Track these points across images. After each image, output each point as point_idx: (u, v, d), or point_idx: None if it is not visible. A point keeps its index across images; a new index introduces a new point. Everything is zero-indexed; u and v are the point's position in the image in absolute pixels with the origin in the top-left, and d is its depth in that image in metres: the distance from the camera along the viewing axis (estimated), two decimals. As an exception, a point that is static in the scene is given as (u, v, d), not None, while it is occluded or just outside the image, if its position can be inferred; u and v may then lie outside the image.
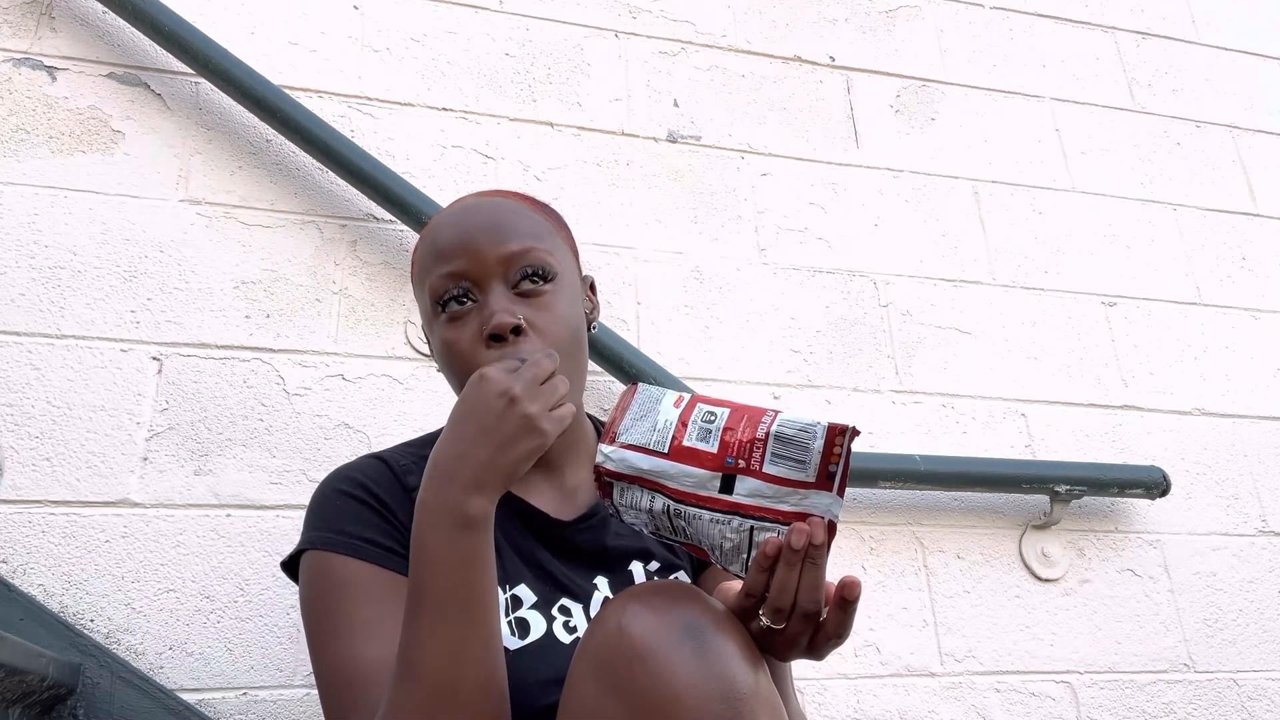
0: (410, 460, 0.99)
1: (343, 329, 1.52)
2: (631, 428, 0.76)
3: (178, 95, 1.60)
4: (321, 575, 0.90)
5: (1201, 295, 2.04)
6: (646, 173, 1.80)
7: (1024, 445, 1.78)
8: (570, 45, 1.86)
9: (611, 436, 0.76)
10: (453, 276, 0.94)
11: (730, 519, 0.72)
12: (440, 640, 0.76)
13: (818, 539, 0.70)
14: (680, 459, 0.73)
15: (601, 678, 0.69)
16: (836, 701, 1.50)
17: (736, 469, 0.72)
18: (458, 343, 0.93)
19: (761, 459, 0.72)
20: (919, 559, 1.64)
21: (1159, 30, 2.32)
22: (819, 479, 0.71)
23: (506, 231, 0.95)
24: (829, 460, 0.71)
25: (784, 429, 0.72)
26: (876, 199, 1.92)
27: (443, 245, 0.95)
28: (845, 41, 2.05)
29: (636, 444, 0.74)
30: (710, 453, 0.73)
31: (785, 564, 0.70)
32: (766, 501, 0.71)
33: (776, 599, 0.71)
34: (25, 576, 1.27)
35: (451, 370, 0.95)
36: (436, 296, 0.95)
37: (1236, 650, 1.71)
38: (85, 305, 1.43)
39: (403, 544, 0.91)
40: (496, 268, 0.94)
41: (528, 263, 0.94)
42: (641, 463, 0.74)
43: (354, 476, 0.96)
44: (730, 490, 0.72)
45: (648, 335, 1.66)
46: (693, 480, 0.72)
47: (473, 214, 0.97)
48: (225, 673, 1.29)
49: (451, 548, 0.78)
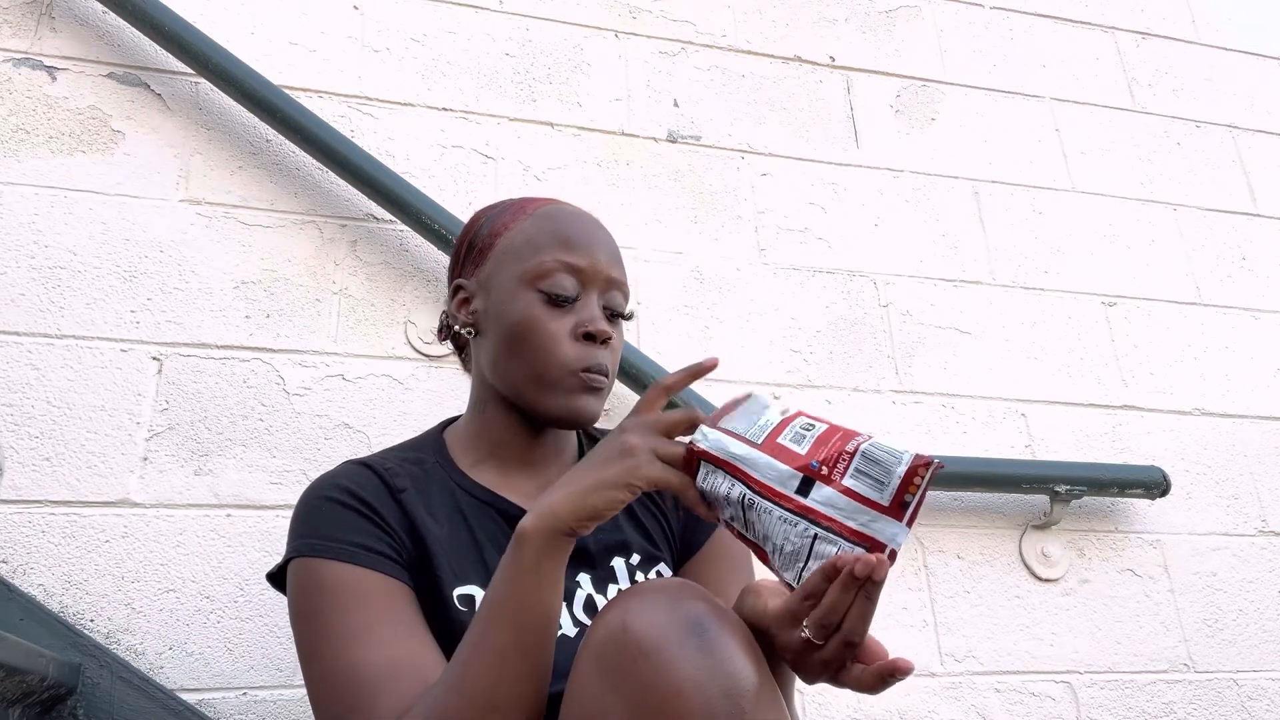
0: (395, 463, 0.99)
1: (343, 329, 1.52)
2: (733, 419, 0.79)
3: (178, 95, 1.60)
4: (312, 582, 0.89)
5: (1201, 295, 2.04)
6: (646, 173, 1.80)
7: (1024, 445, 1.78)
8: (570, 45, 1.86)
9: (715, 421, 0.79)
10: (570, 268, 0.99)
11: (798, 522, 0.73)
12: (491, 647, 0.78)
13: (879, 575, 0.70)
14: (770, 452, 0.76)
15: (605, 673, 0.70)
16: (836, 701, 1.50)
17: (818, 474, 0.74)
18: (547, 323, 0.97)
19: (845, 471, 0.74)
20: (919, 559, 1.64)
21: (1159, 30, 2.32)
22: (892, 505, 0.72)
23: (618, 258, 1.04)
24: (906, 489, 0.72)
25: (873, 449, 0.74)
26: (876, 199, 1.92)
27: (570, 236, 1.01)
28: (845, 41, 2.05)
29: (733, 431, 0.78)
30: (799, 453, 0.75)
31: (843, 586, 0.71)
32: (837, 514, 0.73)
33: (825, 614, 0.72)
34: (25, 576, 1.27)
35: (524, 339, 0.97)
36: (546, 273, 0.98)
37: (1236, 650, 1.71)
38: (85, 305, 1.43)
39: (393, 547, 0.91)
40: (603, 283, 1.01)
41: (621, 295, 1.03)
42: (734, 448, 0.76)
43: (338, 483, 0.95)
44: (806, 493, 0.74)
45: (648, 335, 1.66)
46: (775, 474, 0.75)
47: (596, 225, 1.04)
48: (225, 673, 1.29)
49: (510, 559, 0.80)
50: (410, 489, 0.97)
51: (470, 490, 1.00)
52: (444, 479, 1.00)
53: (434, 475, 1.00)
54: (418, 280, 1.59)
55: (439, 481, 1.00)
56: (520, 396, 0.99)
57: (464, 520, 0.97)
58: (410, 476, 0.98)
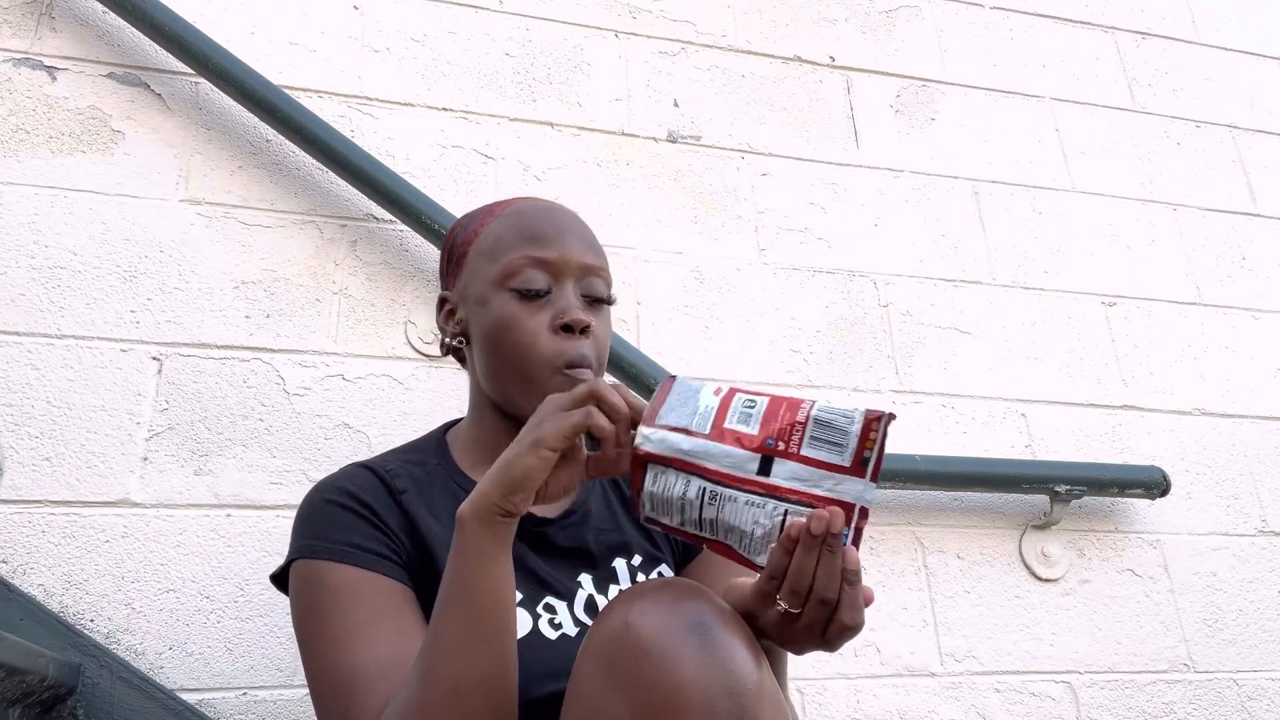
0: (398, 465, 1.00)
1: (343, 329, 1.52)
2: (671, 412, 0.76)
3: (178, 95, 1.60)
4: (312, 583, 0.91)
5: (1201, 295, 2.04)
6: (646, 173, 1.80)
7: (1024, 445, 1.78)
8: (570, 45, 1.86)
9: (652, 419, 0.76)
10: (539, 262, 0.99)
11: (765, 502, 0.73)
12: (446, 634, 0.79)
13: (835, 527, 0.70)
14: (722, 439, 0.74)
15: (608, 672, 0.70)
16: (836, 701, 1.50)
17: (776, 450, 0.73)
18: (523, 320, 0.97)
19: (800, 442, 0.73)
20: (919, 559, 1.64)
21: (1159, 30, 2.32)
22: (854, 464, 0.72)
23: (591, 244, 1.03)
24: (864, 446, 0.72)
25: (823, 414, 0.73)
26: (876, 199, 1.92)
27: (535, 230, 1.00)
28: (845, 41, 2.05)
29: (678, 425, 0.75)
30: (751, 434, 0.73)
31: (804, 549, 0.71)
32: (802, 485, 0.72)
33: (795, 581, 0.72)
34: (25, 576, 1.27)
35: (502, 341, 0.98)
36: (515, 271, 0.98)
37: (1236, 650, 1.71)
38: (85, 305, 1.43)
39: (392, 549, 0.92)
40: (577, 271, 1.00)
41: (599, 279, 1.02)
42: (683, 443, 0.74)
43: (340, 485, 0.96)
44: (768, 472, 0.72)
45: (648, 335, 1.66)
46: (732, 461, 0.73)
47: (563, 214, 1.03)
48: (225, 673, 1.29)
49: (454, 547, 0.80)
50: (411, 490, 0.97)
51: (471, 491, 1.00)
52: (446, 480, 1.01)
53: (436, 476, 1.01)
54: (418, 280, 1.59)
55: (441, 483, 1.00)
56: (510, 402, 1.00)
57: None
58: (412, 478, 0.99)
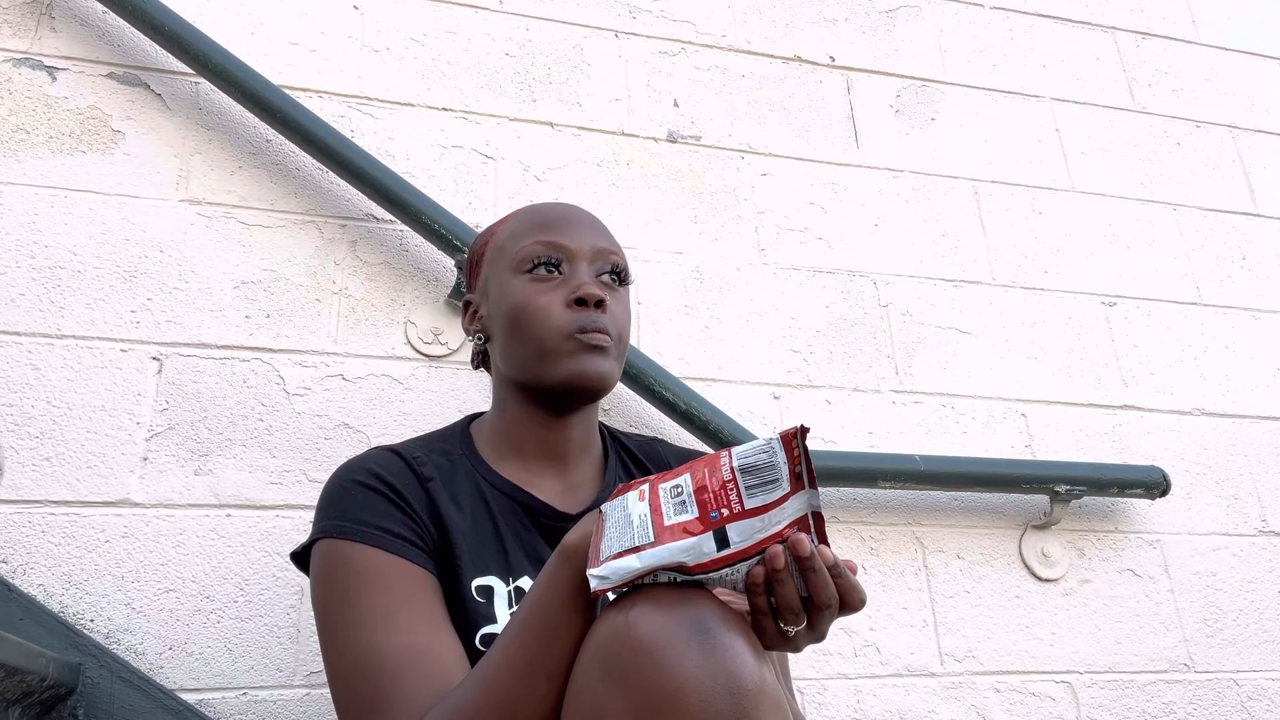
0: (423, 453, 1.01)
1: (343, 329, 1.52)
2: (611, 542, 0.74)
3: (178, 95, 1.59)
4: (339, 564, 0.90)
5: (1201, 295, 2.04)
6: (646, 173, 1.80)
7: (1024, 445, 1.78)
8: (570, 45, 1.86)
9: (596, 560, 0.73)
10: (551, 245, 1.03)
11: (737, 564, 0.72)
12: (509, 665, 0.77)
13: (803, 551, 0.70)
14: (671, 537, 0.72)
15: (607, 672, 0.70)
16: (836, 701, 1.50)
17: (724, 519, 0.72)
18: (537, 299, 1.00)
19: (739, 498, 0.72)
20: (919, 559, 1.64)
21: (1159, 30, 2.32)
22: (792, 486, 0.72)
23: (603, 230, 1.07)
24: (793, 464, 0.72)
25: (744, 461, 0.73)
26: (876, 199, 1.92)
27: (547, 218, 1.05)
28: (845, 41, 2.05)
29: (622, 550, 0.72)
30: (693, 518, 0.72)
31: (779, 584, 0.71)
32: (760, 534, 0.72)
33: (786, 607, 0.72)
34: (25, 576, 1.27)
35: (519, 319, 1.00)
36: (528, 256, 1.02)
37: (1236, 650, 1.71)
38: (85, 305, 1.43)
39: (420, 535, 0.93)
40: (589, 253, 1.04)
41: (613, 262, 1.05)
42: (635, 563, 0.72)
43: (369, 467, 0.96)
44: (726, 542, 0.72)
45: (648, 335, 1.66)
46: (690, 552, 0.72)
47: (574, 206, 1.09)
48: (225, 673, 1.29)
49: (542, 575, 0.79)
50: (436, 478, 0.98)
51: (495, 483, 1.01)
52: (470, 471, 1.02)
53: (460, 467, 1.02)
54: (418, 280, 1.59)
55: (465, 473, 1.01)
56: (529, 374, 1.00)
57: (488, 512, 0.99)
58: (436, 466, 0.99)
